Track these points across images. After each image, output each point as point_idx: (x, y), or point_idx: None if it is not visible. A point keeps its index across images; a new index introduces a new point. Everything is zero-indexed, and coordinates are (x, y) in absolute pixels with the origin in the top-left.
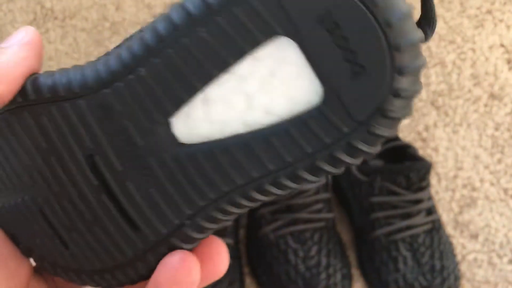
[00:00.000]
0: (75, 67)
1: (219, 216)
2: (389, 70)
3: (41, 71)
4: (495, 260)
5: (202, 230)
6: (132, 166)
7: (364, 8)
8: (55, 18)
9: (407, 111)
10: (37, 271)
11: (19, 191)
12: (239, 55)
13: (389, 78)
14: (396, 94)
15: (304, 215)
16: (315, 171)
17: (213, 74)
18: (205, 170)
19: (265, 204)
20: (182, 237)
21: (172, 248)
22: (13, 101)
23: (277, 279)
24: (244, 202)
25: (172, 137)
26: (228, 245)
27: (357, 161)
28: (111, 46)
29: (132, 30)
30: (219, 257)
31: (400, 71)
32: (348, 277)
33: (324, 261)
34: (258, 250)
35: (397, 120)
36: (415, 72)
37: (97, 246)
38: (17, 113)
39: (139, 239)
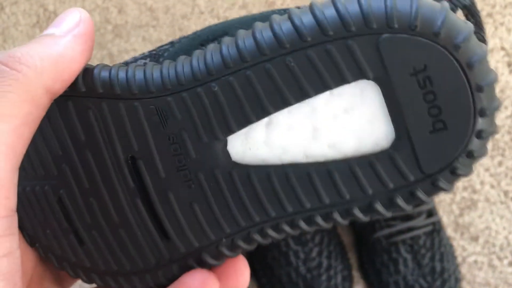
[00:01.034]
0: (133, 65)
1: (258, 238)
2: (469, 132)
3: None
4: (496, 262)
5: (235, 249)
6: (178, 177)
7: (460, 70)
8: None
9: (472, 170)
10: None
11: (40, 179)
12: (322, 90)
13: (467, 140)
14: (469, 155)
15: None
16: (369, 211)
17: (289, 102)
18: (257, 192)
19: None
20: (213, 253)
21: (199, 262)
22: None
23: (278, 281)
24: (288, 230)
25: (227, 155)
26: None
27: (410, 208)
28: (114, 49)
29: (134, 33)
30: (242, 277)
31: (479, 135)
32: (348, 279)
33: (325, 263)
34: (259, 252)
35: (461, 177)
36: (489, 138)
37: (118, 249)
38: (60, 102)
39: (167, 248)
